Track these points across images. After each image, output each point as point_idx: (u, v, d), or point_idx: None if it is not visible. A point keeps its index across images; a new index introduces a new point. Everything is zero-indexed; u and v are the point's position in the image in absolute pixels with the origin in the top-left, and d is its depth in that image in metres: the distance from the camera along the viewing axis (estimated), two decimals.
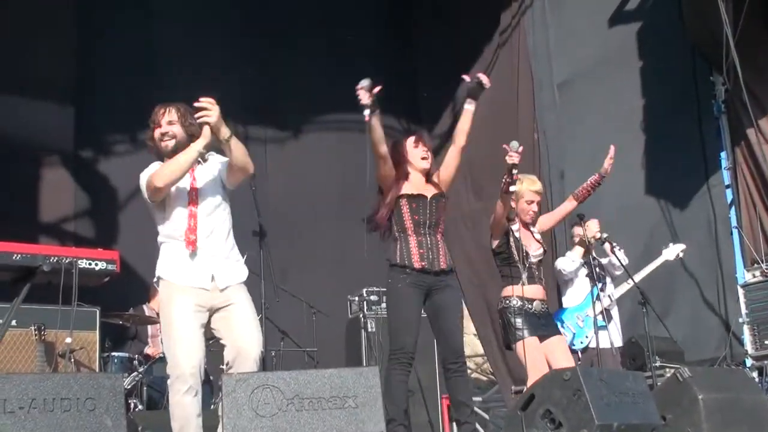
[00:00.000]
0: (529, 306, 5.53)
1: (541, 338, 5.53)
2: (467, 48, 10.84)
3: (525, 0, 9.95)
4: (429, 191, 5.45)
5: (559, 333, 5.74)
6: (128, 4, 9.91)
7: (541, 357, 5.44)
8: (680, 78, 8.54)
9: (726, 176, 8.40)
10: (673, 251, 7.10)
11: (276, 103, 10.77)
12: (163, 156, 4.52)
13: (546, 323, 5.61)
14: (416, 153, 5.55)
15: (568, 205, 6.07)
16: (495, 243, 5.69)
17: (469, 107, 5.60)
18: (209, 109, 4.35)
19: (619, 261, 6.82)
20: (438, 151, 11.42)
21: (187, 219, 4.44)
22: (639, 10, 8.83)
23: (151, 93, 9.84)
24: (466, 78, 5.57)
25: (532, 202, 5.78)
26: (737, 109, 8.13)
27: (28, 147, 8.58)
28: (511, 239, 5.59)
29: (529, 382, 5.34)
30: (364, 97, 5.24)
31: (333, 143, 10.87)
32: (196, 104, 4.29)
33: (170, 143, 4.59)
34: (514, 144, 5.33)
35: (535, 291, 5.60)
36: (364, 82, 5.22)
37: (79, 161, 9.29)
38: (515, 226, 5.64)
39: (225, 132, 4.36)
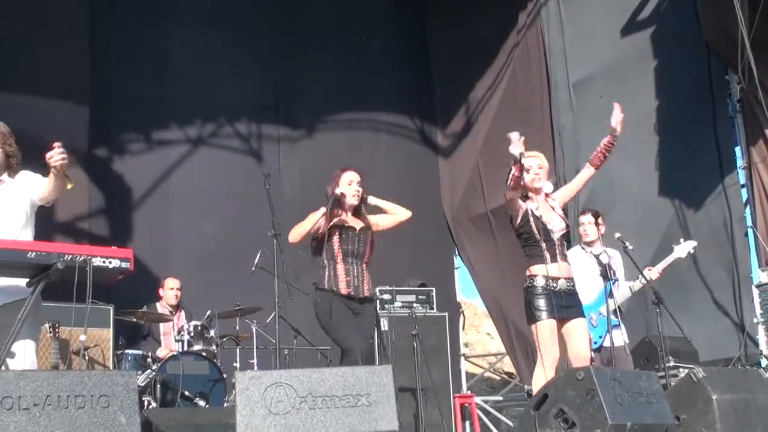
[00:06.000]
0: (554, 285, 5.49)
1: (562, 320, 5.49)
2: (483, 47, 10.86)
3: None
4: (357, 224, 5.83)
5: (582, 315, 5.63)
6: (143, 5, 9.95)
7: (553, 341, 5.42)
8: (695, 77, 8.50)
9: (741, 175, 8.35)
10: (684, 248, 6.94)
11: (289, 103, 10.80)
12: None
13: (569, 304, 5.52)
14: (348, 190, 5.86)
15: (586, 172, 5.89)
16: (516, 224, 5.65)
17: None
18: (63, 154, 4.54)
19: (633, 261, 6.77)
20: (452, 150, 11.51)
21: None
22: (655, 11, 8.78)
23: (165, 93, 9.92)
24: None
25: (529, 168, 5.67)
26: (752, 107, 8.09)
27: (43, 146, 8.61)
28: (531, 219, 5.55)
29: (538, 365, 5.41)
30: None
31: (345, 142, 10.90)
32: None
33: None
34: (514, 135, 5.31)
35: (560, 269, 5.53)
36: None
37: (94, 160, 9.33)
38: (533, 205, 5.58)
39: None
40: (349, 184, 5.85)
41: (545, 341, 5.39)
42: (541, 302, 5.43)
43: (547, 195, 5.74)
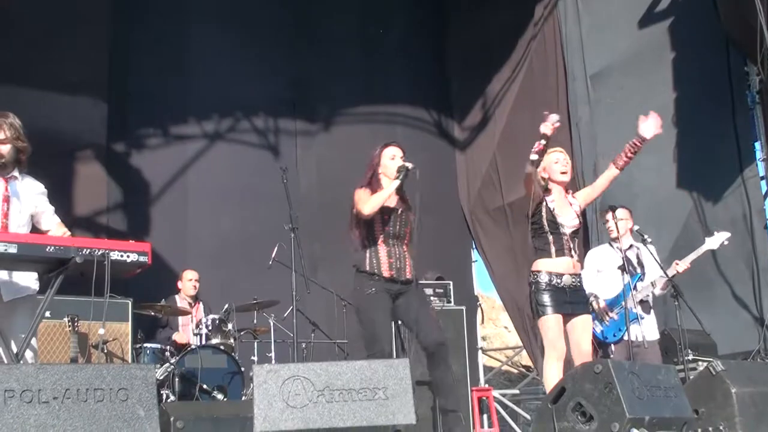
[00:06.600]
0: (558, 281, 5.50)
1: (567, 316, 5.50)
2: (500, 40, 10.84)
3: None
4: (399, 204, 5.58)
5: (587, 312, 5.66)
6: (161, 1, 10.00)
7: (560, 335, 5.44)
8: (714, 69, 8.44)
9: (761, 167, 8.29)
10: (717, 240, 6.79)
11: (305, 96, 10.80)
12: None
13: (574, 300, 5.53)
14: (393, 165, 5.58)
15: (609, 173, 5.83)
16: (530, 212, 5.67)
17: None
18: None
19: (652, 254, 6.75)
20: (469, 143, 11.48)
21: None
22: (672, 2, 8.73)
23: (182, 87, 9.95)
24: None
25: (557, 161, 5.70)
26: None
27: (62, 142, 8.67)
28: (544, 209, 5.56)
29: (546, 360, 5.44)
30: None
31: (362, 135, 10.89)
32: None
33: None
34: (554, 116, 5.32)
35: (565, 264, 5.53)
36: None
37: (112, 155, 9.38)
38: (550, 197, 5.60)
39: None
40: (392, 159, 5.58)
41: (551, 336, 5.43)
42: (545, 298, 5.47)
43: (567, 191, 5.74)
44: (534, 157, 5.39)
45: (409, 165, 5.47)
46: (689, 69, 8.60)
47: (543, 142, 5.36)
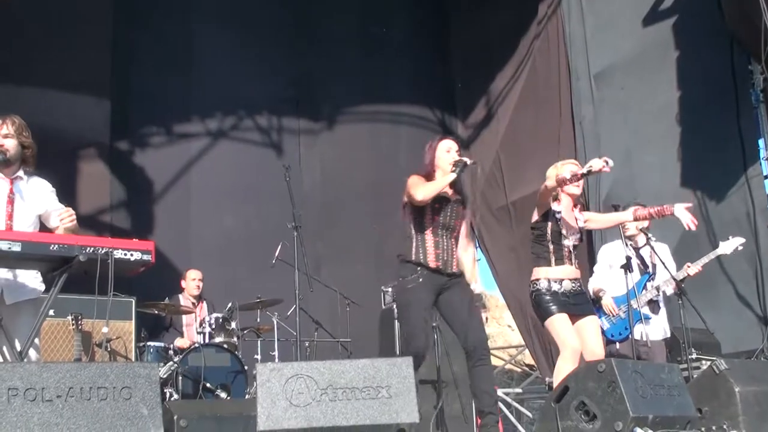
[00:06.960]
0: (558, 286, 5.51)
1: (573, 316, 5.51)
2: (503, 39, 10.82)
3: None
4: (453, 195, 5.50)
5: (592, 313, 5.69)
6: (162, 1, 10.00)
7: (571, 332, 5.44)
8: (718, 67, 8.41)
9: (765, 166, 8.27)
10: (731, 245, 6.76)
11: (309, 95, 10.81)
12: None
13: (577, 302, 5.57)
14: (447, 158, 5.51)
15: (622, 217, 5.92)
16: (535, 217, 5.67)
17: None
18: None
19: (657, 254, 6.73)
20: (472, 141, 11.47)
21: None
22: (676, 0, 8.71)
23: (186, 86, 9.96)
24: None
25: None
26: None
27: (64, 141, 8.68)
28: (550, 220, 5.57)
29: (561, 358, 5.41)
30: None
31: (366, 133, 10.90)
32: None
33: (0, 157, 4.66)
34: (612, 161, 5.28)
35: (565, 271, 5.57)
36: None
37: (115, 154, 9.39)
38: (558, 208, 5.61)
39: None
40: (447, 152, 5.50)
41: (562, 333, 5.44)
42: (547, 300, 5.49)
43: (576, 205, 5.76)
44: (567, 176, 5.36)
45: (468, 161, 5.41)
46: (693, 68, 8.58)
47: (585, 173, 5.35)
